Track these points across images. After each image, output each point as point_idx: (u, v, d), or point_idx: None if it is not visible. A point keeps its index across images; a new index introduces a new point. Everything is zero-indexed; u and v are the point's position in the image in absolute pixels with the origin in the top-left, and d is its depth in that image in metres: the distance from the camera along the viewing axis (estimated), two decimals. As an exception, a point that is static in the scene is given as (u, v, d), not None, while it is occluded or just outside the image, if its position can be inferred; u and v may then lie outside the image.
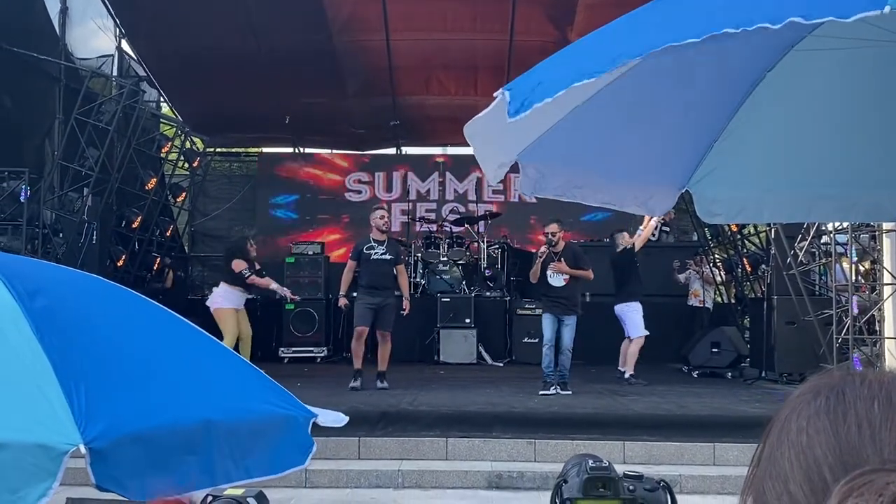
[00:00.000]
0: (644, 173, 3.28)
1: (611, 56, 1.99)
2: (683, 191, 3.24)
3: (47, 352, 1.76)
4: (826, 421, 0.65)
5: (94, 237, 10.90)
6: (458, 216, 13.97)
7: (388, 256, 8.94)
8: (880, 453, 0.61)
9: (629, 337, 9.82)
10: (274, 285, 9.64)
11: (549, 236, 8.97)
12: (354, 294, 9.11)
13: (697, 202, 3.28)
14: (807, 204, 3.37)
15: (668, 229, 13.96)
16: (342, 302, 9.24)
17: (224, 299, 9.28)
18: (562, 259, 8.92)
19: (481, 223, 13.65)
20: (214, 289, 9.63)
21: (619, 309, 9.83)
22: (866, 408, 0.64)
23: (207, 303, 9.46)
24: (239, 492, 1.89)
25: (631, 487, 1.21)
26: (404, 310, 9.08)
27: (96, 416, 1.71)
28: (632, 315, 9.73)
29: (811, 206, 3.39)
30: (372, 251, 8.91)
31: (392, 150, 16.34)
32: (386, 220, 9.10)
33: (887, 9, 1.36)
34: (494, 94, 2.15)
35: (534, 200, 12.72)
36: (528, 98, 2.11)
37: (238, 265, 9.28)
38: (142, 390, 1.86)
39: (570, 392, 8.81)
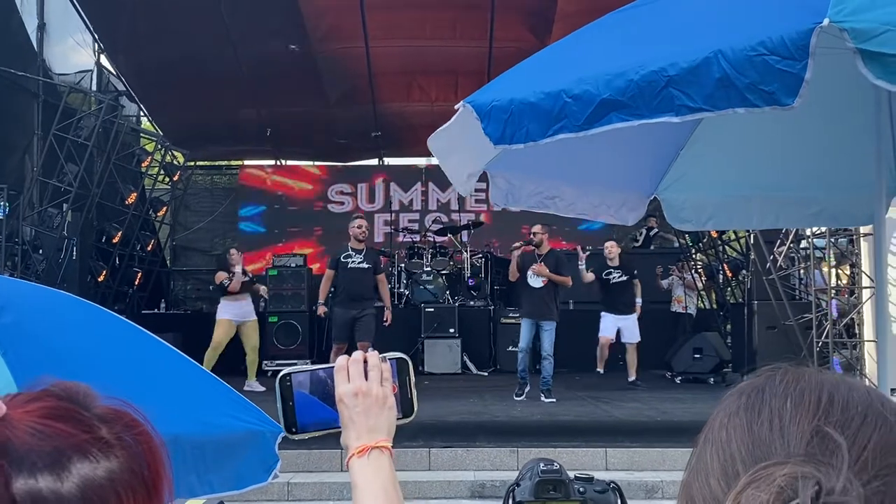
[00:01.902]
0: (614, 182, 3.31)
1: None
2: (652, 197, 3.29)
3: (11, 368, 1.77)
4: (744, 418, 0.68)
5: (75, 253, 10.86)
6: (442, 226, 13.98)
7: (365, 265, 8.82)
8: (787, 447, 0.63)
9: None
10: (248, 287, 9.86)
11: (532, 236, 9.12)
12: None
13: (667, 209, 3.32)
14: (774, 210, 3.41)
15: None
16: (321, 310, 9.18)
17: (223, 310, 9.64)
18: (543, 262, 9.03)
19: (464, 233, 13.67)
20: None
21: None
22: (780, 405, 0.67)
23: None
24: (200, 502, 1.89)
25: (581, 489, 1.24)
26: (386, 320, 8.99)
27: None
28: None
29: (779, 213, 3.44)
30: (349, 260, 8.81)
31: (374, 161, 16.36)
32: (364, 229, 8.97)
33: (826, 21, 1.40)
34: (455, 107, 2.18)
35: (516, 210, 12.75)
36: (513, 134, 2.15)
37: (218, 277, 9.58)
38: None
39: (553, 400, 8.84)
